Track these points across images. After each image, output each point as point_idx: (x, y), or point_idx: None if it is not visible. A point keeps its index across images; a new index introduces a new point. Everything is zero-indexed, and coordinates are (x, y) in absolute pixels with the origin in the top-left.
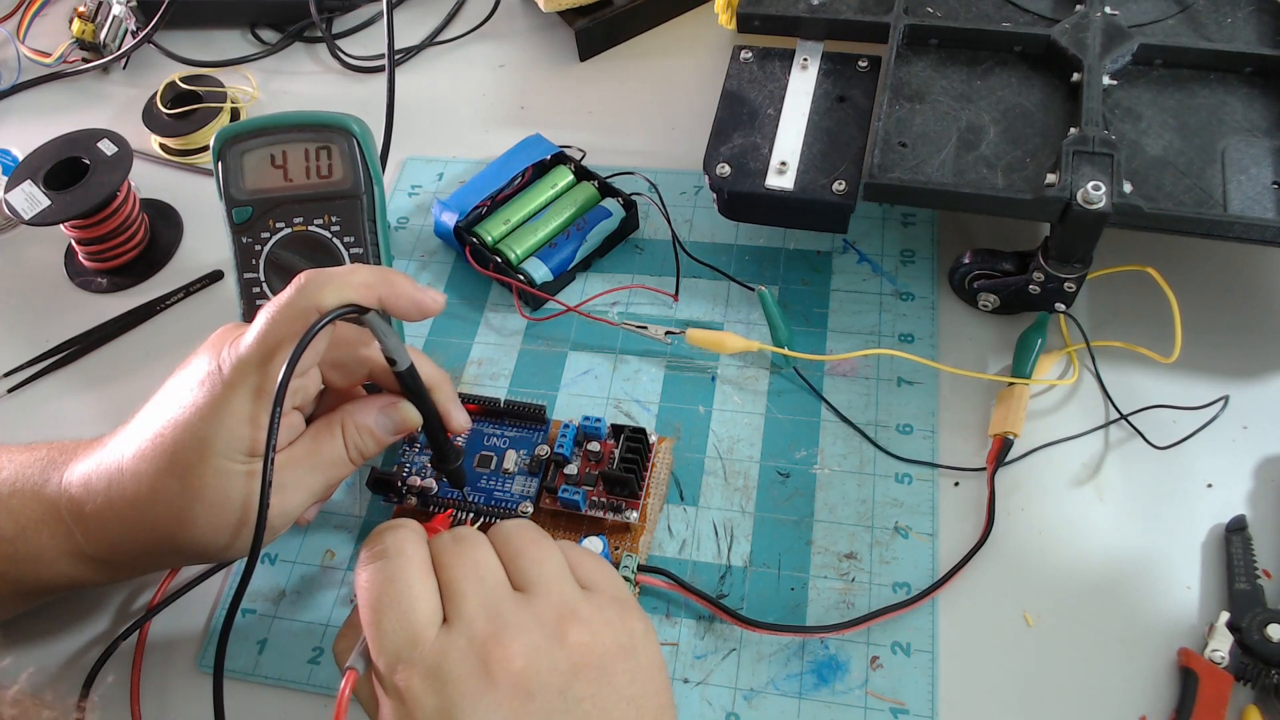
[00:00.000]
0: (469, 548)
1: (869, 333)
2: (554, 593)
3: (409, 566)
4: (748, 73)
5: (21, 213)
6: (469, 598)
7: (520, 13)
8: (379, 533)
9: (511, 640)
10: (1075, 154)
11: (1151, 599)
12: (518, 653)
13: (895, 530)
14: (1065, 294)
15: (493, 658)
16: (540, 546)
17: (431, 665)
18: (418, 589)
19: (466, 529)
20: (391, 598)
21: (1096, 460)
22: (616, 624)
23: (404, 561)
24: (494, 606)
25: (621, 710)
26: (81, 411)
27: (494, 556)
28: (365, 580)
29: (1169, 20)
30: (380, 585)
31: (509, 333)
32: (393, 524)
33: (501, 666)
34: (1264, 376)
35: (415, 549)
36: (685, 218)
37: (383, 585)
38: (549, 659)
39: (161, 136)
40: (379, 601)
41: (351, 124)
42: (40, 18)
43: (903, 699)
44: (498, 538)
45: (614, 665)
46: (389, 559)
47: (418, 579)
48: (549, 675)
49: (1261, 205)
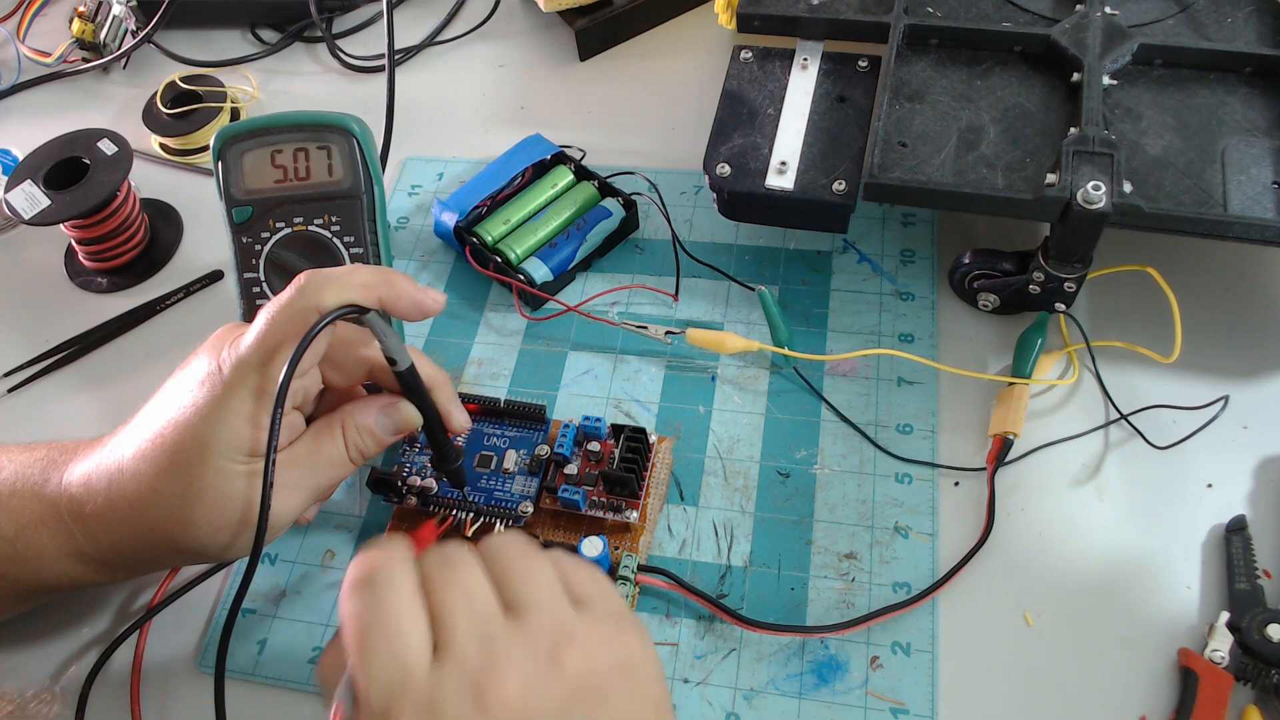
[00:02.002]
0: (458, 571)
1: (869, 333)
2: (546, 614)
3: (397, 598)
4: (748, 73)
5: (21, 213)
6: (459, 627)
7: (520, 13)
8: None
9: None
10: (1075, 154)
11: (1151, 599)
12: (512, 685)
13: (895, 530)
14: (1065, 294)
15: (487, 691)
16: (531, 562)
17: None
18: (406, 623)
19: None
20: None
21: (1096, 460)
22: (613, 642)
23: (392, 593)
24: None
25: None
26: (81, 411)
27: (483, 578)
28: (351, 611)
29: (1169, 20)
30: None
31: (509, 333)
32: (379, 547)
33: (496, 700)
34: (1264, 376)
35: (403, 577)
36: (685, 218)
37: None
38: (545, 689)
39: (161, 136)
40: (367, 635)
41: (351, 124)
42: (40, 17)
43: (903, 699)
44: (487, 555)
45: (612, 687)
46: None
47: (406, 611)
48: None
49: (1261, 205)
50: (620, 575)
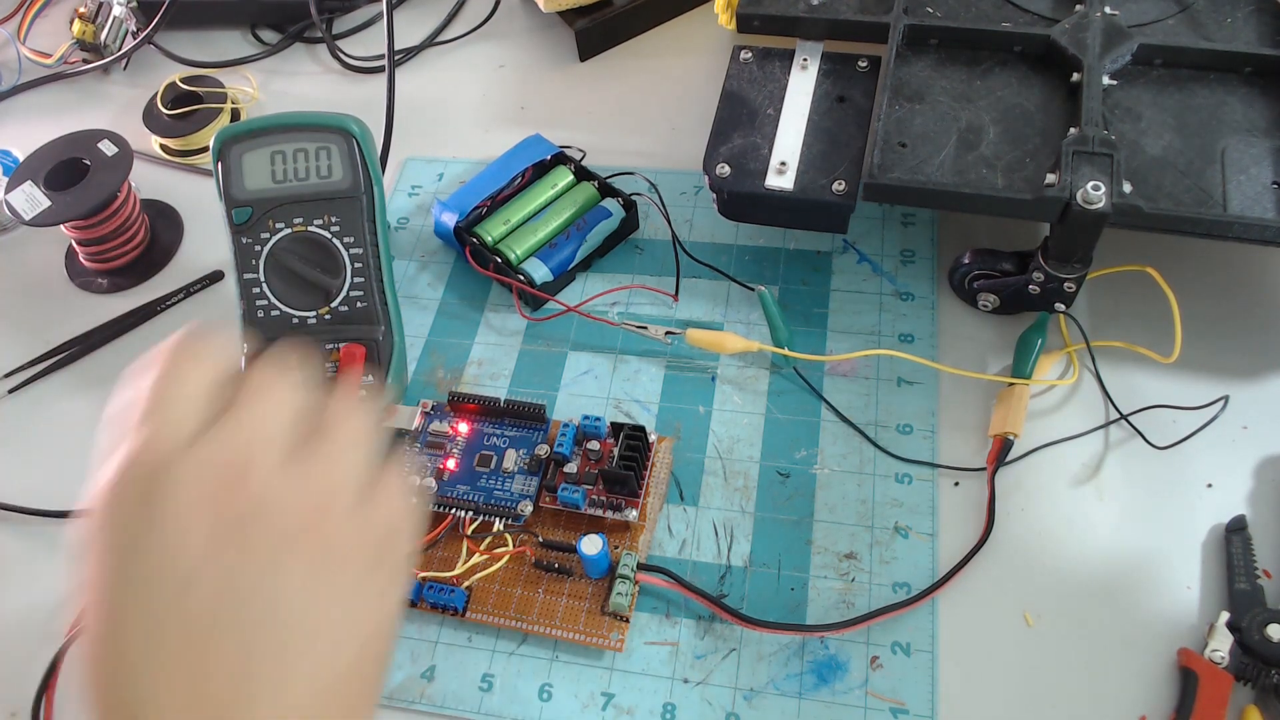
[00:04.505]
0: (275, 395)
1: (869, 333)
2: (324, 478)
3: (205, 380)
4: (748, 73)
5: (22, 213)
6: (240, 429)
7: (520, 13)
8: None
9: (251, 476)
10: (1075, 154)
11: (1151, 599)
12: (252, 489)
13: (895, 530)
14: (1065, 294)
15: (230, 482)
16: (359, 440)
17: (160, 462)
18: (200, 404)
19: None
20: (177, 395)
21: (1096, 460)
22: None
23: (205, 375)
24: (251, 442)
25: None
26: (82, 412)
27: (290, 414)
28: (168, 369)
29: (1169, 20)
30: (173, 383)
31: (509, 333)
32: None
33: (238, 495)
34: (1264, 376)
35: (218, 368)
36: (685, 218)
37: (175, 383)
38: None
39: (162, 137)
40: (163, 395)
41: (351, 124)
42: (41, 19)
43: (903, 699)
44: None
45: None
46: (200, 366)
47: (205, 397)
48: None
49: (1261, 205)
50: (620, 574)
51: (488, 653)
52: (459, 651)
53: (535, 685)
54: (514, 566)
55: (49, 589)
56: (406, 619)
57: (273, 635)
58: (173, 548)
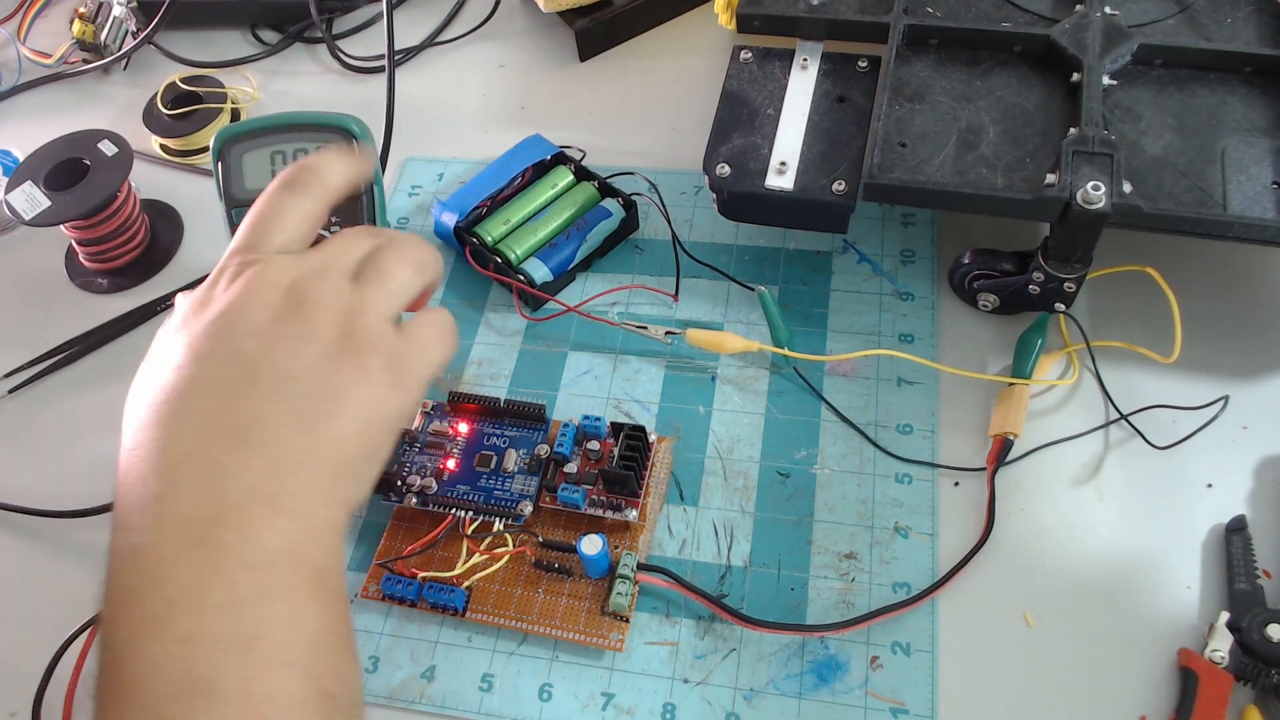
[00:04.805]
0: (349, 242)
1: (869, 333)
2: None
3: (312, 212)
4: (748, 73)
5: (22, 213)
6: (318, 258)
7: (520, 13)
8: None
9: (318, 294)
10: (1075, 154)
11: (1151, 599)
12: (318, 309)
13: (895, 530)
14: (1065, 294)
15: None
16: (408, 281)
17: (246, 263)
18: (298, 224)
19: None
20: (281, 212)
21: (1096, 460)
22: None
23: (312, 207)
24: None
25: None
26: (82, 412)
27: (358, 256)
28: (280, 194)
29: (1169, 20)
30: (282, 203)
31: (509, 333)
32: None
33: (300, 298)
34: (1264, 376)
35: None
36: (685, 218)
37: (281, 204)
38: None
39: (162, 137)
40: (269, 210)
41: (351, 124)
42: (41, 19)
43: (903, 699)
44: (397, 252)
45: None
46: (310, 194)
47: (307, 222)
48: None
49: (1261, 205)
50: (620, 574)
51: (488, 653)
52: (459, 651)
53: (535, 685)
54: (514, 566)
55: (49, 589)
56: (406, 619)
57: (300, 389)
58: (241, 311)
